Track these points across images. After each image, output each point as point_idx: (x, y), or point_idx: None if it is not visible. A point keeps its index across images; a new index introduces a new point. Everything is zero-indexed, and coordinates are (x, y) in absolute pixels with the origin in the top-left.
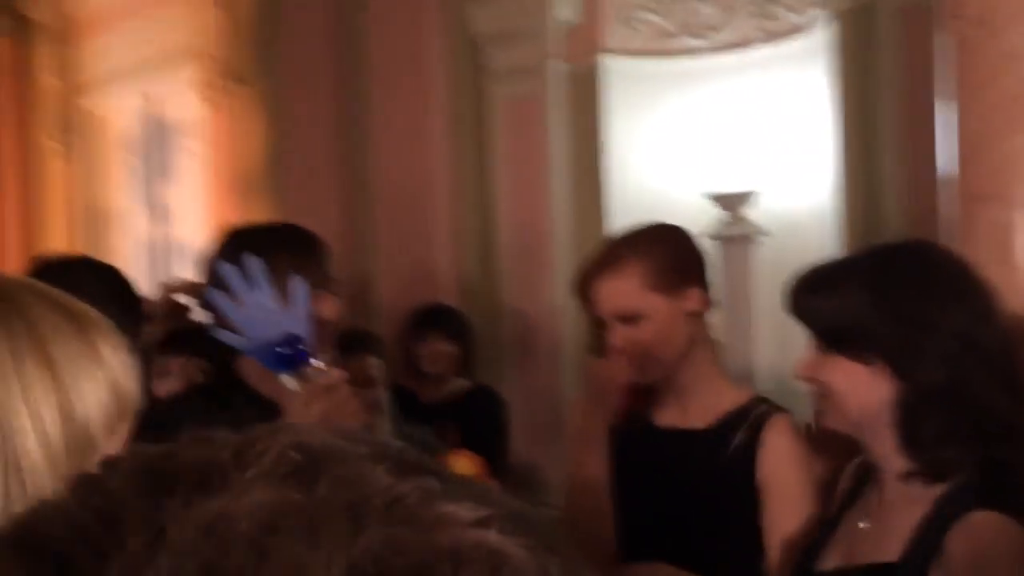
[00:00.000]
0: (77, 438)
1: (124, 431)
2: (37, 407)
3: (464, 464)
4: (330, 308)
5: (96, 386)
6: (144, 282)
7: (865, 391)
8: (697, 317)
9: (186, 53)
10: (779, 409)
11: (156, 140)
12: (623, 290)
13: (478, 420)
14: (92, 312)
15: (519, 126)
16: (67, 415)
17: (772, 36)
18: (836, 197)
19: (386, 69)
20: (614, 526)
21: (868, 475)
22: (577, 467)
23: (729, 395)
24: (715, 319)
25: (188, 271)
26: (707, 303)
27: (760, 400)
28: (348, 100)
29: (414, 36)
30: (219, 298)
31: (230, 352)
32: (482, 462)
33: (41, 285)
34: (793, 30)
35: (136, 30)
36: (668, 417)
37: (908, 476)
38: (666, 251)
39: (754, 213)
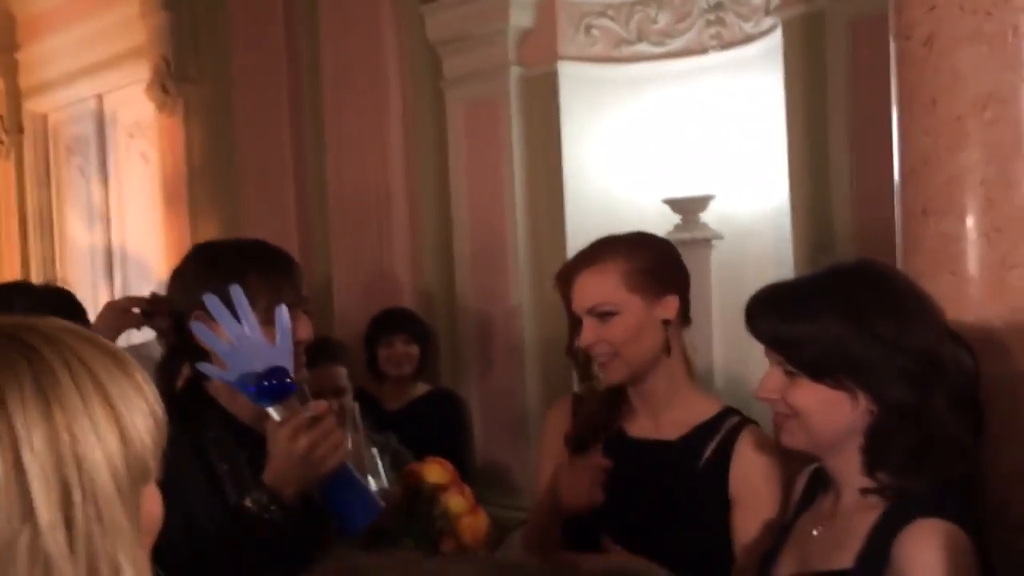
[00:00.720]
0: (137, 465)
1: (161, 454)
2: (107, 443)
3: (437, 471)
4: (304, 329)
5: (144, 416)
6: (89, 285)
7: (838, 415)
8: (671, 327)
9: (135, 54)
10: (749, 421)
11: (104, 142)
12: (601, 285)
13: (440, 423)
14: (120, 349)
15: (477, 130)
16: (128, 445)
17: (726, 43)
18: (788, 202)
19: (341, 72)
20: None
21: (820, 481)
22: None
23: (701, 406)
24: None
25: (137, 277)
26: (683, 315)
27: (730, 411)
28: (303, 103)
29: (370, 40)
30: (202, 330)
31: (199, 371)
32: (453, 468)
33: (76, 327)
34: (747, 38)
35: (84, 31)
36: (640, 428)
37: (867, 492)
38: (649, 256)
39: (709, 217)
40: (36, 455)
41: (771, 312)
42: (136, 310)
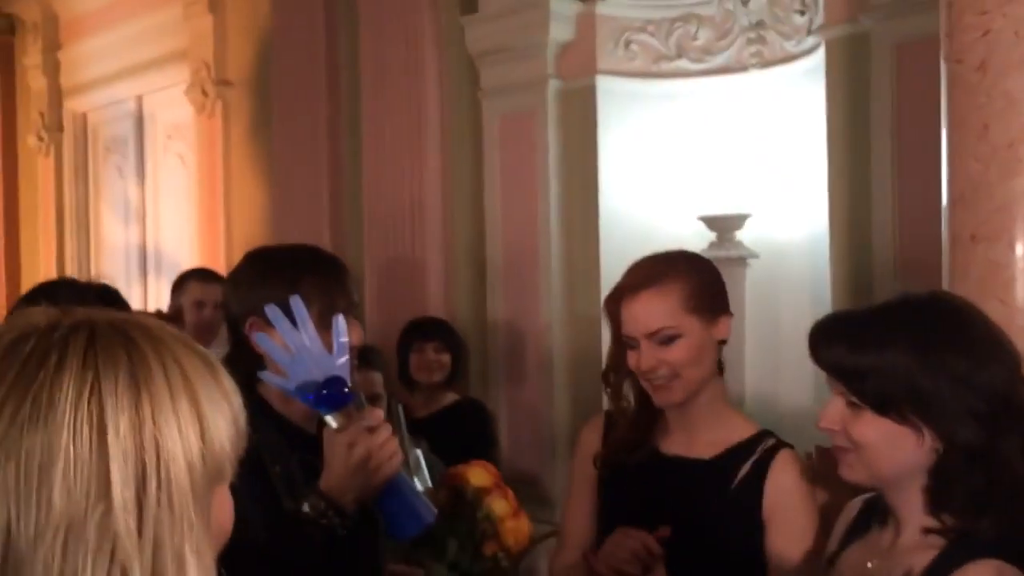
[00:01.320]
0: (213, 466)
1: (237, 462)
2: (188, 439)
3: (481, 474)
4: (356, 334)
5: (226, 421)
6: (124, 283)
7: (901, 451)
8: (722, 346)
9: (176, 57)
10: (785, 444)
11: (142, 142)
12: (663, 308)
13: (468, 433)
14: (211, 354)
15: (513, 143)
16: (207, 445)
17: (767, 62)
18: (827, 223)
19: (380, 80)
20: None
21: (876, 512)
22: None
23: (737, 427)
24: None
25: (171, 276)
26: (730, 334)
27: (766, 434)
28: (341, 110)
29: (410, 49)
30: (264, 339)
31: (252, 374)
32: (496, 472)
33: (177, 332)
34: (788, 57)
35: (126, 32)
36: (674, 446)
37: (929, 531)
38: (702, 276)
39: (745, 236)
40: (120, 438)
41: (837, 340)
42: None
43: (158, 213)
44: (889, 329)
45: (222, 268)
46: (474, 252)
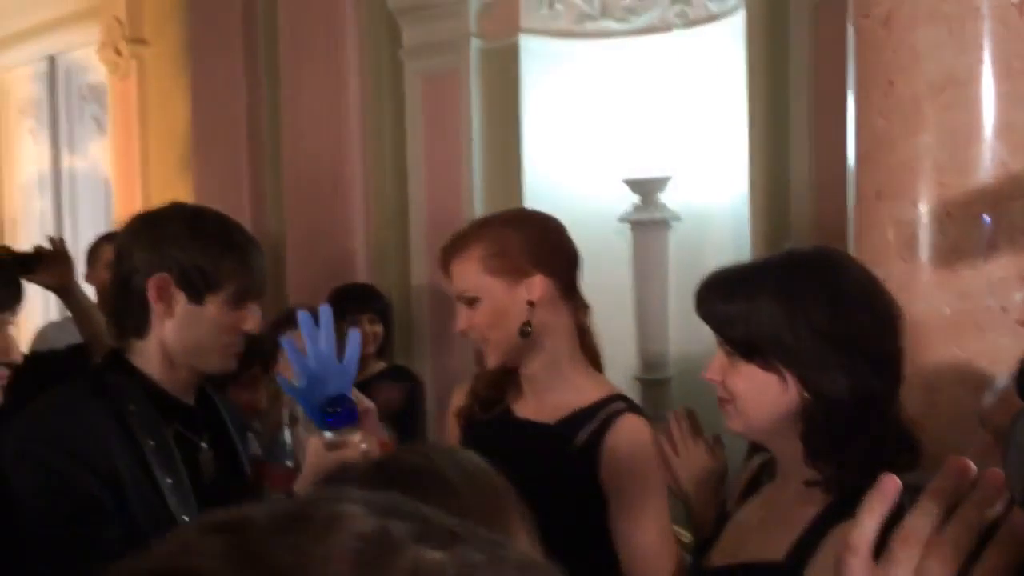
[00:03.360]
0: None
1: None
2: None
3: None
4: (252, 320)
5: None
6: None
7: (771, 400)
8: (546, 307)
9: (90, 14)
10: (633, 409)
11: (57, 106)
12: (462, 271)
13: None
14: None
15: (436, 103)
16: None
17: (690, 22)
18: (748, 184)
19: (299, 39)
20: None
21: (767, 471)
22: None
23: (585, 391)
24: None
25: (90, 239)
26: (566, 294)
27: (616, 398)
28: (259, 69)
29: (329, 6)
30: (291, 346)
31: (139, 330)
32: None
33: None
34: (711, 17)
35: None
36: (525, 409)
37: (810, 484)
38: (512, 236)
39: (668, 198)
40: None
41: (714, 292)
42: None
43: (74, 181)
44: (760, 280)
45: None
46: (397, 214)
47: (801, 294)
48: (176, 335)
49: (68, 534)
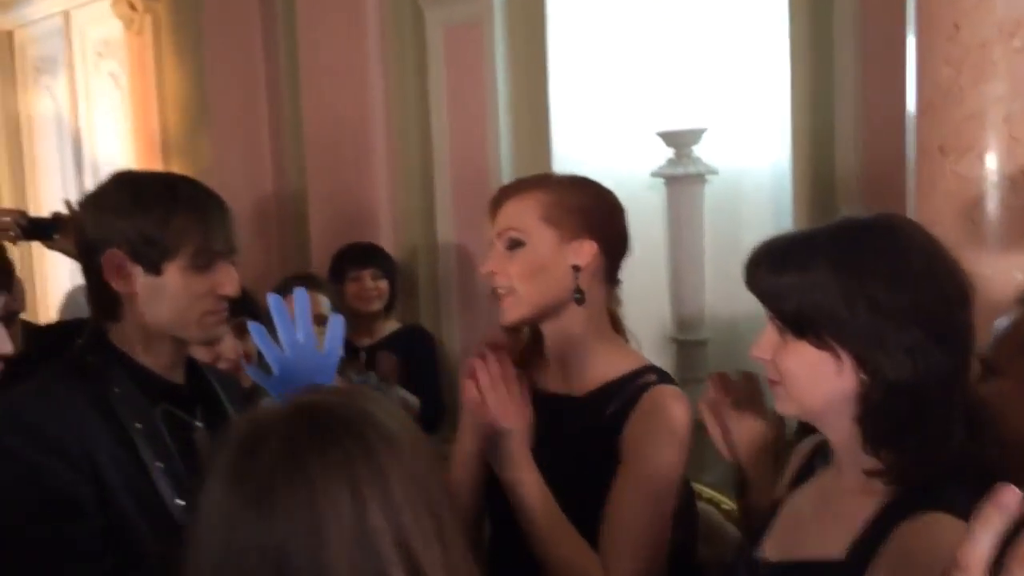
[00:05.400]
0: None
1: None
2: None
3: None
4: (231, 284)
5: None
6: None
7: (825, 381)
8: (586, 277)
9: None
10: (666, 381)
11: (73, 62)
12: (516, 210)
13: (413, 361)
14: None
15: (458, 54)
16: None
17: None
18: (789, 138)
19: None
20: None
21: (820, 454)
22: (459, 438)
23: (616, 363)
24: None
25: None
26: (608, 273)
27: (648, 370)
28: (276, 23)
29: None
30: (260, 333)
31: (108, 309)
32: None
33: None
34: None
35: None
36: (552, 382)
37: (870, 474)
38: (579, 195)
39: (704, 152)
40: None
41: (764, 262)
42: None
43: (93, 137)
44: (813, 250)
45: None
46: (421, 169)
47: (859, 266)
48: (147, 311)
49: (34, 531)
